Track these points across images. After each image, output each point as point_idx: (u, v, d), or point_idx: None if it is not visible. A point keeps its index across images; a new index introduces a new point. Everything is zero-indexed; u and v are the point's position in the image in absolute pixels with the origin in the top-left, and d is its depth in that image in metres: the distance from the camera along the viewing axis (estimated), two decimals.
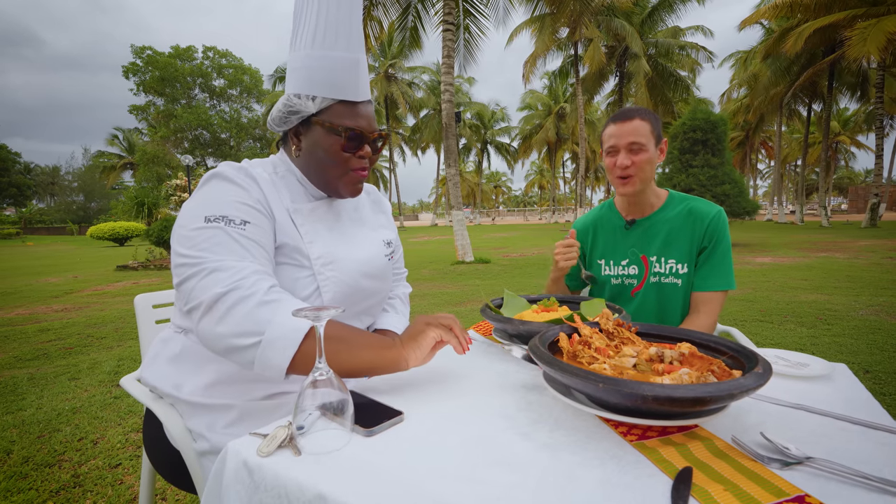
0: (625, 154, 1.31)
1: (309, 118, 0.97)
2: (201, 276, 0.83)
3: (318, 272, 0.97)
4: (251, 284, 0.83)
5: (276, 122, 1.01)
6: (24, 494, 1.72)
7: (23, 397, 2.73)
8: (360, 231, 1.12)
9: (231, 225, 0.87)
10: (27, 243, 28.67)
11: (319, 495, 0.54)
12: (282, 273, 0.95)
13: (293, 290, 0.95)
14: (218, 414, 0.91)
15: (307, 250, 0.96)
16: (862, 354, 3.08)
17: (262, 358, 0.80)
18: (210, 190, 0.92)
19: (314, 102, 0.95)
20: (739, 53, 26.94)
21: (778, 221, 24.85)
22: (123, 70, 36.64)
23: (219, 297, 0.81)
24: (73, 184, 54.58)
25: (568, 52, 22.41)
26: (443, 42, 9.60)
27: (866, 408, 0.73)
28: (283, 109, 0.97)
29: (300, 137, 1.01)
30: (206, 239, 0.86)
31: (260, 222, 0.91)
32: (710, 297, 1.33)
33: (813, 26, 15.27)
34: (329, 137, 0.97)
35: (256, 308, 0.81)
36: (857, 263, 7.83)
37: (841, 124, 38.26)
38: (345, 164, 1.00)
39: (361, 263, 1.06)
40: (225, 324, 0.81)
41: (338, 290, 0.99)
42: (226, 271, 0.83)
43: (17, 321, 5.01)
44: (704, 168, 11.86)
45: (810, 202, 43.50)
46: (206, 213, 0.88)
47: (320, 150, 0.98)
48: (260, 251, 0.89)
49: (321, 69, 0.95)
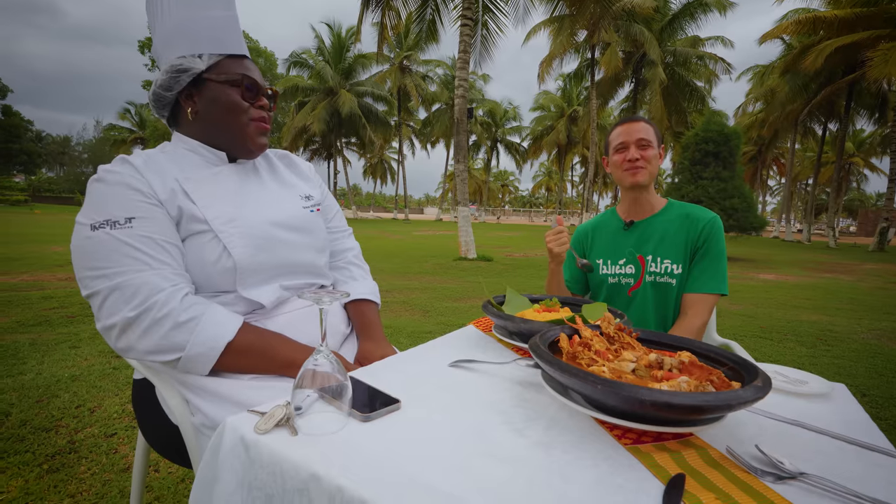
0: (635, 148, 1.41)
1: (200, 77, 0.97)
2: (104, 293, 0.84)
3: (218, 230, 0.95)
4: (163, 303, 0.85)
5: (163, 88, 0.98)
6: (20, 456, 1.74)
7: (23, 361, 2.75)
8: (270, 188, 1.10)
9: (116, 227, 0.86)
10: (35, 211, 28.85)
11: (314, 475, 0.55)
12: (188, 246, 0.95)
13: (202, 258, 0.94)
14: (219, 388, 0.92)
15: (202, 214, 0.94)
16: (860, 377, 3.07)
17: (182, 367, 0.89)
18: (91, 196, 0.91)
19: (202, 59, 0.97)
20: (758, 67, 26.73)
21: (784, 239, 24.72)
22: (139, 45, 36.67)
23: (131, 322, 0.84)
24: (83, 155, 54.84)
25: (584, 54, 22.29)
26: (460, 37, 9.56)
27: (864, 429, 0.73)
28: (170, 71, 0.96)
29: (194, 99, 1.00)
30: (97, 249, 0.85)
31: (147, 212, 0.90)
32: (700, 299, 1.36)
33: (835, 44, 15.12)
34: (226, 90, 0.99)
35: (172, 331, 0.85)
36: (862, 286, 7.79)
37: (855, 145, 37.97)
38: (245, 115, 1.01)
39: (271, 214, 1.04)
40: (142, 344, 0.85)
41: (247, 243, 0.97)
42: (128, 288, 0.84)
43: (22, 287, 5.05)
44: (714, 181, 11.80)
45: (819, 222, 43.22)
46: (90, 219, 0.87)
47: (219, 106, 0.99)
48: (155, 247, 0.88)
49: (204, 28, 0.97)
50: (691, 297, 1.38)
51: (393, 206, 45.91)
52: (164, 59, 0.98)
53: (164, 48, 0.99)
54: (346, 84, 30.70)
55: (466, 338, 1.17)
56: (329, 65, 30.08)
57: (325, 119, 28.44)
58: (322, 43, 30.94)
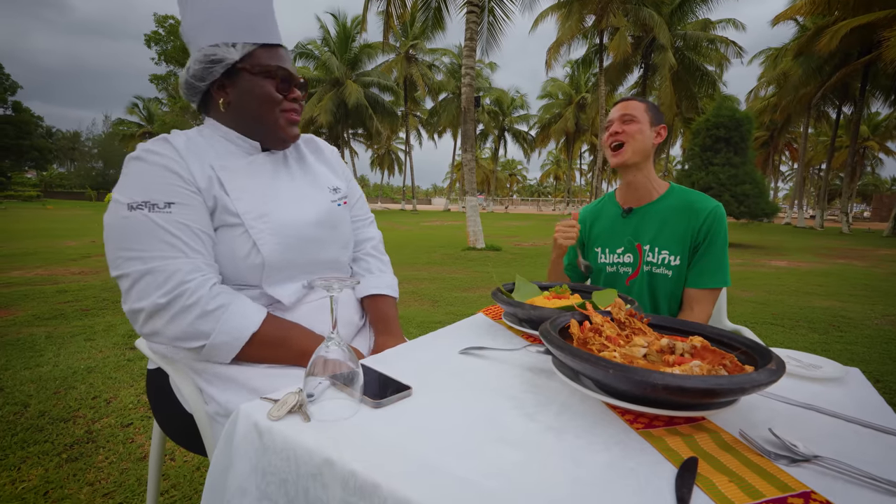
0: (617, 123, 1.37)
1: (233, 67, 0.95)
2: (135, 276, 0.84)
3: (249, 226, 0.94)
4: (193, 290, 0.85)
5: (195, 78, 0.96)
6: (39, 446, 1.78)
7: (41, 354, 2.81)
8: (299, 182, 1.09)
9: (155, 210, 0.85)
10: (47, 206, 29.24)
11: (327, 460, 0.56)
12: (220, 237, 0.94)
13: (232, 251, 0.94)
14: (232, 376, 0.93)
15: (234, 207, 0.94)
16: (874, 363, 3.03)
17: (205, 355, 0.89)
18: (129, 174, 0.89)
19: (236, 49, 0.94)
20: (770, 50, 26.19)
21: (797, 225, 24.37)
22: (146, 39, 36.64)
23: (160, 308, 0.84)
24: (92, 150, 55.23)
25: (593, 40, 21.95)
26: (466, 24, 9.45)
27: (879, 412, 0.72)
28: (203, 61, 0.94)
29: (226, 90, 0.98)
30: (133, 229, 0.84)
31: (186, 199, 0.89)
32: (703, 295, 1.33)
33: (850, 25, 14.72)
34: (260, 81, 0.97)
35: (199, 319, 0.85)
36: (876, 272, 7.67)
37: (871, 129, 37.16)
38: (278, 107, 0.99)
39: (302, 211, 1.03)
40: (169, 330, 0.86)
41: (277, 241, 0.97)
42: (161, 273, 0.84)
43: (37, 281, 5.14)
44: (725, 167, 11.63)
45: (832, 207, 42.54)
46: (128, 199, 0.86)
47: (252, 97, 0.97)
48: (191, 235, 0.88)
49: (239, 16, 0.94)
50: (695, 293, 1.34)
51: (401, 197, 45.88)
52: (196, 44, 0.96)
53: (195, 33, 0.96)
54: (352, 74, 30.55)
55: (476, 326, 1.17)
56: (335, 55, 29.92)
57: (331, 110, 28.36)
58: (327, 33, 30.76)
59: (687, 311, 1.35)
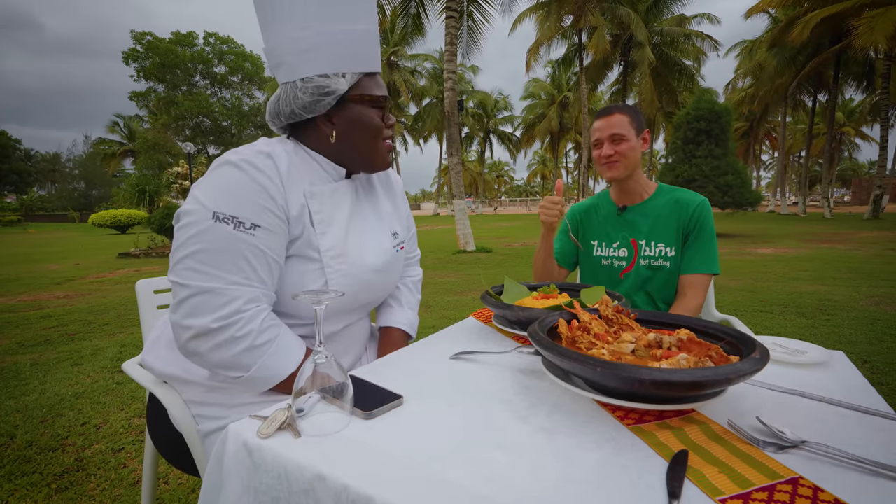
0: (608, 145, 1.44)
1: (342, 97, 0.93)
2: (194, 290, 0.81)
3: (326, 265, 0.93)
4: (246, 322, 0.82)
5: (303, 109, 0.92)
6: (27, 478, 1.74)
7: (26, 382, 2.75)
8: (370, 222, 1.07)
9: (240, 229, 0.82)
10: (29, 230, 28.72)
11: (319, 475, 0.55)
12: (291, 266, 0.92)
13: (301, 284, 0.92)
14: (219, 396, 0.92)
15: (317, 242, 0.92)
16: (861, 344, 3.08)
17: (240, 384, 0.87)
18: (222, 180, 0.85)
19: (346, 79, 0.92)
20: (745, 43, 26.64)
21: (780, 213, 24.77)
22: (123, 56, 36.30)
23: (209, 332, 0.81)
24: (74, 171, 54.48)
25: (572, 40, 22.19)
26: (446, 29, 9.51)
27: (863, 395, 0.73)
28: (315, 92, 0.90)
29: (332, 120, 0.95)
30: (211, 242, 0.81)
31: (272, 225, 0.86)
32: (695, 280, 1.42)
33: (820, 15, 15.08)
34: (368, 111, 0.96)
35: (245, 352, 0.83)
36: (859, 255, 7.81)
37: (846, 115, 37.95)
38: (381, 135, 0.99)
39: (370, 255, 1.02)
40: (212, 356, 0.83)
41: (348, 283, 0.96)
42: (221, 296, 0.81)
43: (20, 308, 5.03)
44: (708, 158, 11.79)
45: (813, 193, 43.28)
46: (216, 206, 0.82)
47: (359, 126, 0.96)
48: (263, 264, 0.86)
49: (349, 44, 0.91)
50: (688, 279, 1.43)
51: None
52: (294, 73, 0.92)
53: (296, 61, 0.91)
54: None
55: (467, 330, 1.17)
56: None
57: None
58: None
59: (681, 298, 1.43)
